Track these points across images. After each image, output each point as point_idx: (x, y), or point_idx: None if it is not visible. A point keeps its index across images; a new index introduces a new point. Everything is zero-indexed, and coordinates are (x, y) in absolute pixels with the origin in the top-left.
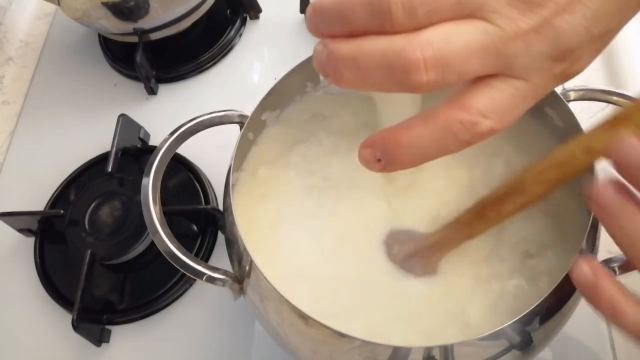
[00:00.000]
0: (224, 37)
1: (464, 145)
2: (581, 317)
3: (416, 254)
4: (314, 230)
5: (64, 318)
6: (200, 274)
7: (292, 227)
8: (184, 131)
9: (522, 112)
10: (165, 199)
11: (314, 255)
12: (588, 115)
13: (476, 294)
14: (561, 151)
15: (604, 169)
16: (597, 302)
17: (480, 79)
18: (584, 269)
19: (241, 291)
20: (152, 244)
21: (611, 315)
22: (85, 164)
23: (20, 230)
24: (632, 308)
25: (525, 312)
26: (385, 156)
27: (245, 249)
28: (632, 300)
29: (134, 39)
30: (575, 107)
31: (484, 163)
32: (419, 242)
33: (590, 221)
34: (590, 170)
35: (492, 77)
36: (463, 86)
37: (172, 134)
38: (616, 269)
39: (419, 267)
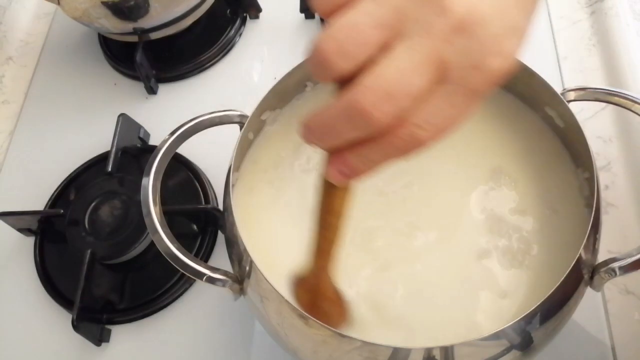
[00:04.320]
0: (223, 36)
1: None
2: (581, 317)
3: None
4: None
5: (64, 318)
6: (200, 275)
7: (293, 227)
8: (184, 131)
9: None
10: (165, 199)
11: None
12: (588, 115)
13: (476, 294)
14: None
15: None
16: None
17: None
18: None
19: (241, 291)
20: (152, 244)
21: None
22: (85, 163)
23: (20, 230)
24: None
25: (525, 313)
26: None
27: (245, 249)
28: None
29: (134, 38)
30: (575, 107)
31: (483, 163)
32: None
33: (591, 221)
34: None
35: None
36: None
37: (172, 134)
38: (616, 269)
39: None
